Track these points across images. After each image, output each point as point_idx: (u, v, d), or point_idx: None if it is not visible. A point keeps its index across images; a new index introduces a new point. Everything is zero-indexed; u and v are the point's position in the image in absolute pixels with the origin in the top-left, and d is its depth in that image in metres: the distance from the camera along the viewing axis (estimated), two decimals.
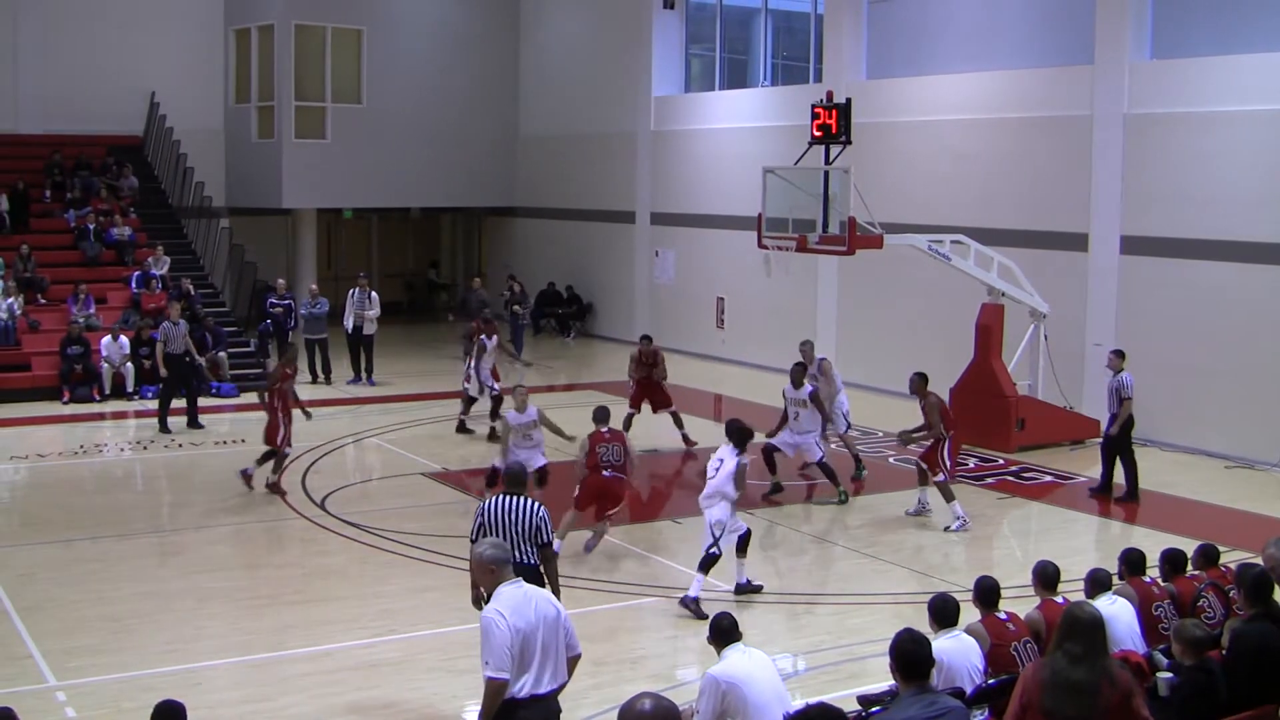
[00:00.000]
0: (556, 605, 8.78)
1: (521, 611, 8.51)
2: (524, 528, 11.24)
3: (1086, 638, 7.80)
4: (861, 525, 18.51)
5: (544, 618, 8.59)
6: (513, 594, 8.61)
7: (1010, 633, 10.19)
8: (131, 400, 27.19)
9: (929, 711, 7.56)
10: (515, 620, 8.45)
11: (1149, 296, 24.17)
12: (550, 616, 8.63)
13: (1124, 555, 11.86)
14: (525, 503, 11.36)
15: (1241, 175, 22.78)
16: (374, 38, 38.14)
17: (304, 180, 36.89)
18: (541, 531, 11.32)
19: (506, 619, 8.44)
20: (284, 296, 30.63)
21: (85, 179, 34.18)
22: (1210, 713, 8.84)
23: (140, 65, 36.79)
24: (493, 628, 8.43)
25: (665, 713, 6.09)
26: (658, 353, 23.79)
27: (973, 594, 10.64)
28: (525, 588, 8.70)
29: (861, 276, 28.78)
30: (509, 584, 8.66)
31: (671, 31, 36.24)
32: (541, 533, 11.32)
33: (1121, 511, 19.67)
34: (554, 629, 8.63)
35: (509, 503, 11.34)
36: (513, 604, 8.53)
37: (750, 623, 14.52)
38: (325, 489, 20.20)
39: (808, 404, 19.71)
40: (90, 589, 15.45)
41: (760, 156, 26.96)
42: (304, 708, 12.07)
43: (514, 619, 8.45)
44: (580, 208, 39.07)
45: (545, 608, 8.66)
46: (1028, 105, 26.35)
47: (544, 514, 11.39)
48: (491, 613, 8.50)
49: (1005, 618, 10.37)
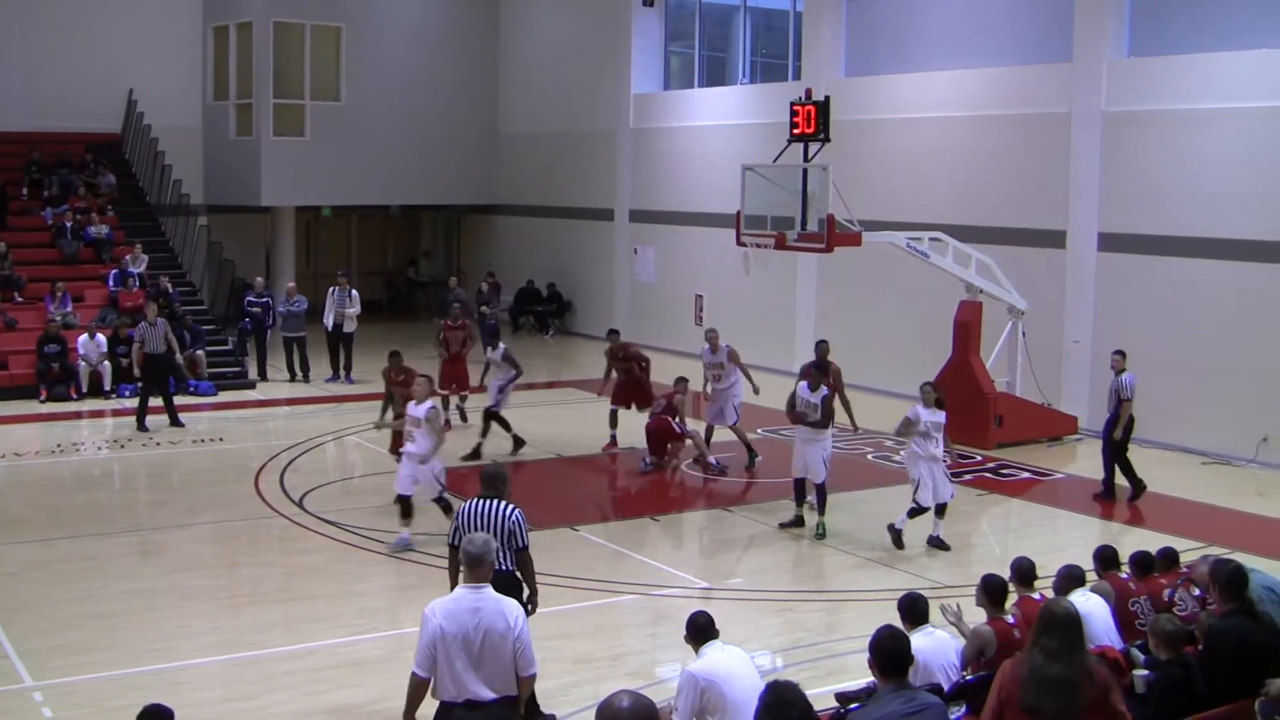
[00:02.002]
0: (510, 621, 8.64)
1: (457, 616, 8.51)
2: (499, 531, 11.05)
3: (1063, 634, 7.86)
4: (839, 521, 18.54)
5: (489, 629, 8.56)
6: (461, 597, 8.64)
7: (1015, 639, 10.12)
8: (109, 399, 27.10)
9: (908, 708, 7.60)
10: (445, 623, 8.49)
11: (1126, 293, 24.27)
12: (497, 629, 8.57)
13: (1098, 552, 11.94)
14: (500, 506, 11.25)
15: (1219, 173, 22.89)
16: (353, 35, 38.06)
17: (283, 178, 36.80)
18: (516, 536, 11.16)
19: (436, 619, 8.51)
20: (262, 295, 30.58)
21: (63, 177, 34.03)
22: (1188, 707, 8.88)
23: (118, 63, 36.62)
24: (422, 625, 8.55)
25: (643, 710, 6.10)
26: (628, 347, 23.56)
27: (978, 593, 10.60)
28: (482, 594, 8.67)
29: (840, 274, 28.84)
30: (466, 587, 8.68)
31: (651, 29, 36.27)
32: (516, 537, 11.16)
33: (1099, 508, 19.77)
34: (500, 641, 8.57)
35: (484, 506, 11.24)
36: (453, 607, 8.57)
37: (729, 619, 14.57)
38: (304, 487, 20.19)
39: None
40: (71, 588, 15.40)
41: (739, 154, 27.00)
42: (287, 706, 12.07)
43: (444, 620, 8.49)
44: (560, 205, 39.07)
45: (493, 619, 8.59)
46: (1006, 103, 26.42)
47: (518, 517, 11.21)
48: (428, 608, 8.60)
49: (1013, 621, 10.32)
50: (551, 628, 13.06)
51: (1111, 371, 20.03)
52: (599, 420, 23.23)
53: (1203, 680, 9.12)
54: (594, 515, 18.87)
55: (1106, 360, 23.95)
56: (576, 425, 24.72)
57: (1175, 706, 8.91)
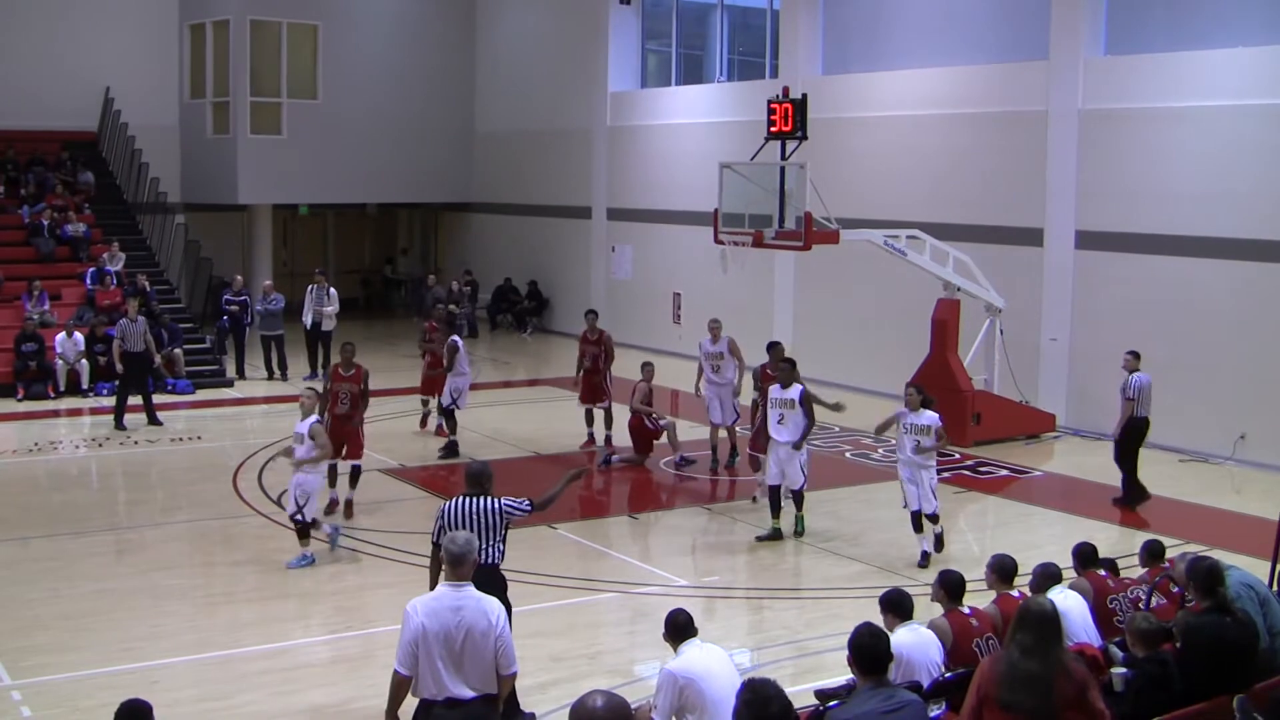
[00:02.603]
0: (492, 619, 8.64)
1: (438, 614, 8.50)
2: (485, 527, 11.12)
3: (1035, 629, 7.86)
4: (817, 519, 18.53)
5: (470, 627, 8.55)
6: (442, 594, 8.62)
7: (973, 628, 10.22)
8: (87, 397, 27.03)
9: (886, 705, 7.59)
10: (427, 620, 8.47)
11: (1103, 291, 24.33)
12: (479, 628, 8.56)
13: (1076, 549, 11.94)
14: (485, 502, 11.26)
15: (1195, 171, 22.94)
16: (330, 33, 37.97)
17: (260, 176, 36.71)
18: (508, 514, 11.28)
19: (418, 616, 8.50)
20: (240, 293, 30.50)
21: (40, 175, 33.95)
22: (1165, 705, 8.89)
23: (95, 61, 36.54)
24: (404, 623, 8.54)
25: (617, 710, 6.08)
26: (604, 333, 23.07)
27: (938, 587, 10.65)
28: (464, 591, 8.65)
29: (818, 272, 28.85)
30: (448, 584, 8.66)
31: (628, 27, 36.26)
32: (508, 515, 11.28)
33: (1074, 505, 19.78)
34: (482, 639, 8.57)
35: (468, 504, 11.24)
36: (434, 604, 8.55)
37: (708, 617, 14.57)
38: (281, 485, 20.09)
39: (795, 406, 17.25)
40: (46, 587, 15.35)
41: (716, 152, 27.00)
42: (262, 705, 12.04)
43: (426, 618, 8.48)
44: (537, 203, 39.05)
45: (476, 618, 8.58)
46: (983, 101, 26.46)
47: (502, 504, 11.26)
48: (409, 606, 8.59)
49: (968, 612, 10.41)
50: (529, 626, 13.02)
51: (1124, 372, 19.58)
52: (577, 418, 23.21)
53: (1180, 678, 9.13)
54: (572, 513, 18.82)
55: (1083, 357, 24.19)
56: (554, 423, 24.68)
57: (1152, 704, 8.92)
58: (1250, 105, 22.21)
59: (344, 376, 18.68)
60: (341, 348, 19.37)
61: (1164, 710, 8.80)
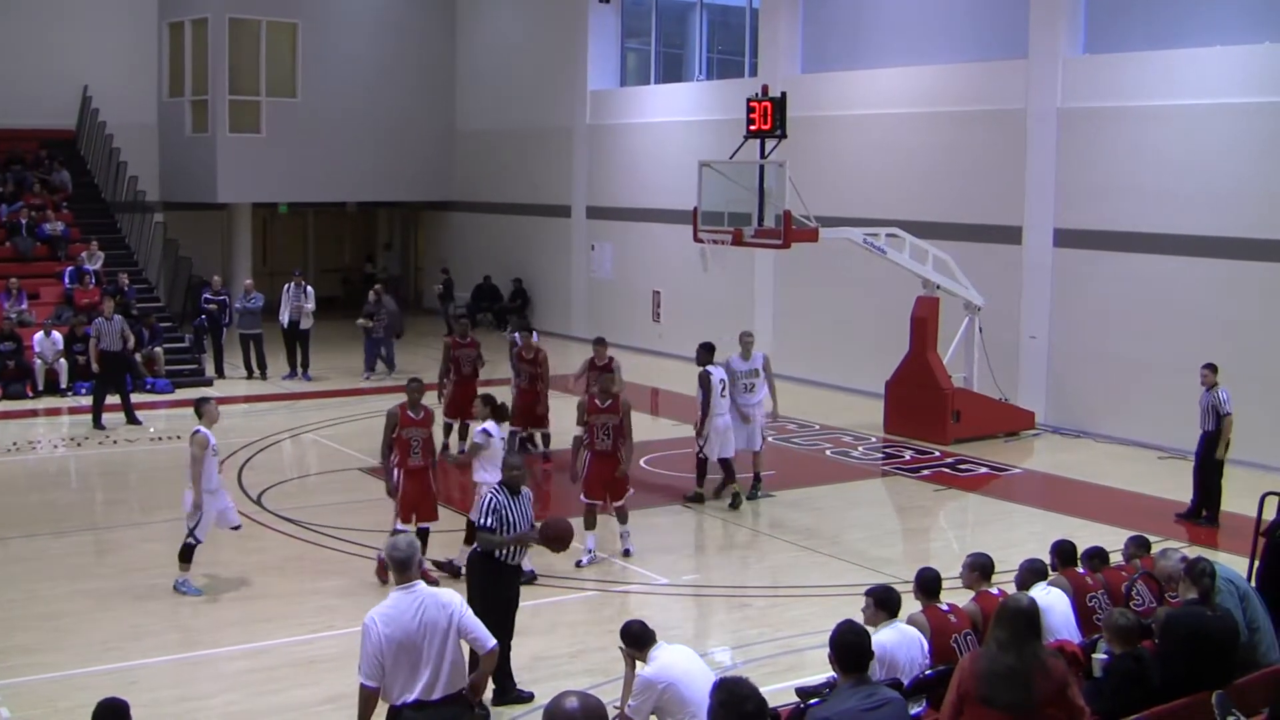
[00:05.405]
0: (449, 610, 8.60)
1: (399, 621, 8.46)
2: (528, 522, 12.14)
3: (1012, 625, 7.87)
4: (798, 517, 18.55)
5: (430, 625, 8.51)
6: (399, 600, 8.56)
7: (951, 624, 10.24)
8: (65, 396, 26.94)
9: (868, 703, 7.61)
10: (387, 629, 8.44)
11: (1082, 289, 24.40)
12: (440, 625, 8.53)
13: (1055, 546, 11.98)
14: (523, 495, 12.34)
15: (1173, 169, 23.02)
16: (309, 31, 37.90)
17: (239, 175, 36.65)
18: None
19: (379, 626, 8.45)
20: (219, 292, 30.45)
21: (17, 173, 33.82)
22: (1142, 700, 8.91)
23: (73, 59, 36.41)
24: (365, 635, 8.49)
25: (592, 710, 6.07)
26: (540, 351, 22.09)
27: (914, 585, 10.69)
28: (417, 593, 8.61)
29: (797, 270, 28.87)
30: (400, 589, 8.64)
31: (607, 25, 36.26)
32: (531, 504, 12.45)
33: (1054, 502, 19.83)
34: (444, 634, 8.54)
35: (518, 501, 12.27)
36: (393, 611, 8.51)
37: (687, 616, 14.59)
38: (261, 485, 20.11)
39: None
40: (25, 588, 15.30)
41: (696, 150, 27.05)
42: (243, 705, 12.02)
43: (386, 627, 8.44)
44: (517, 202, 39.03)
45: (435, 615, 8.54)
46: (962, 99, 26.52)
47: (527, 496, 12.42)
48: (368, 619, 8.53)
49: (946, 609, 10.43)
50: None
51: (1202, 387, 18.66)
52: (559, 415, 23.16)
53: (1159, 672, 9.15)
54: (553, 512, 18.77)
55: (1062, 355, 24.23)
56: None
57: (1129, 700, 8.93)
58: (1228, 104, 22.28)
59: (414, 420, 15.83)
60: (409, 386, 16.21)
61: (1141, 706, 8.81)
